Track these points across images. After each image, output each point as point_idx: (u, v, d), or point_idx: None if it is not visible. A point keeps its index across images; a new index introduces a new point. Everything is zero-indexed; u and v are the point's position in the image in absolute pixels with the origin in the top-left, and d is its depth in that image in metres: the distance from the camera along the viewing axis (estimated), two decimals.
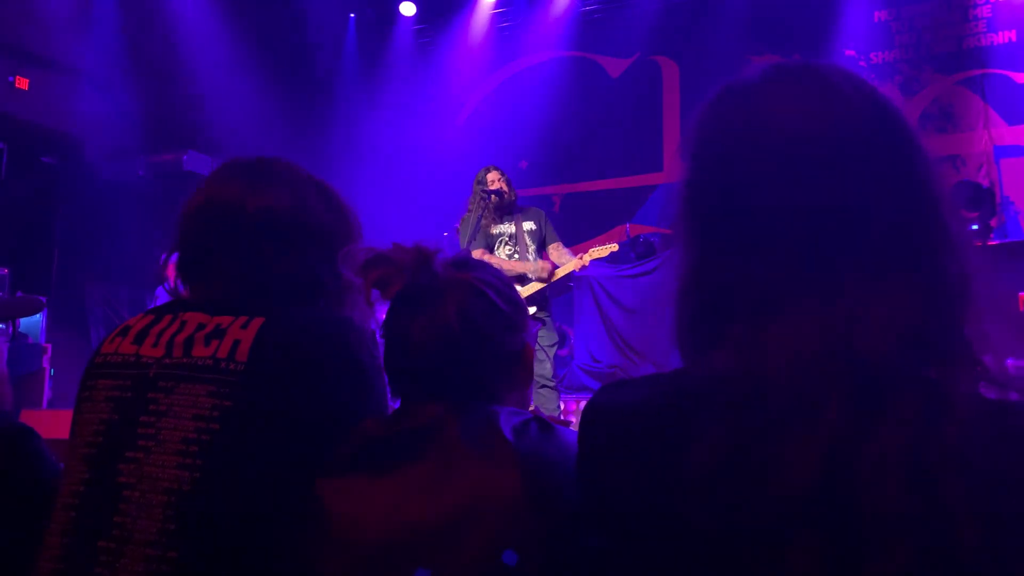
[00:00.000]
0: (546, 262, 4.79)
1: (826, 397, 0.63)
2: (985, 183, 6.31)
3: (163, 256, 1.26)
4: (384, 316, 1.07)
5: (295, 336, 1.08)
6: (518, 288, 4.61)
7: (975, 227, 5.27)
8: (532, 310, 4.64)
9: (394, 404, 1.08)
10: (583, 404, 5.71)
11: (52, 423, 4.36)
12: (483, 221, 4.76)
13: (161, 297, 6.48)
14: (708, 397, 0.68)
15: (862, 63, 7.36)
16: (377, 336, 1.12)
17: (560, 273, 4.75)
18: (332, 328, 1.11)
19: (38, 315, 6.65)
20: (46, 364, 6.25)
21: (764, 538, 0.63)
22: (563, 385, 6.36)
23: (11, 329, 5.72)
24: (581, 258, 4.70)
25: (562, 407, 5.37)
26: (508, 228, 4.84)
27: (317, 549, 0.92)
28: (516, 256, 4.79)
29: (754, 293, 0.69)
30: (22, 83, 7.15)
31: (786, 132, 0.71)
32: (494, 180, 4.79)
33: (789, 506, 0.62)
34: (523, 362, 1.08)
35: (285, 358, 1.06)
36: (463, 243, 4.72)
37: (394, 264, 1.05)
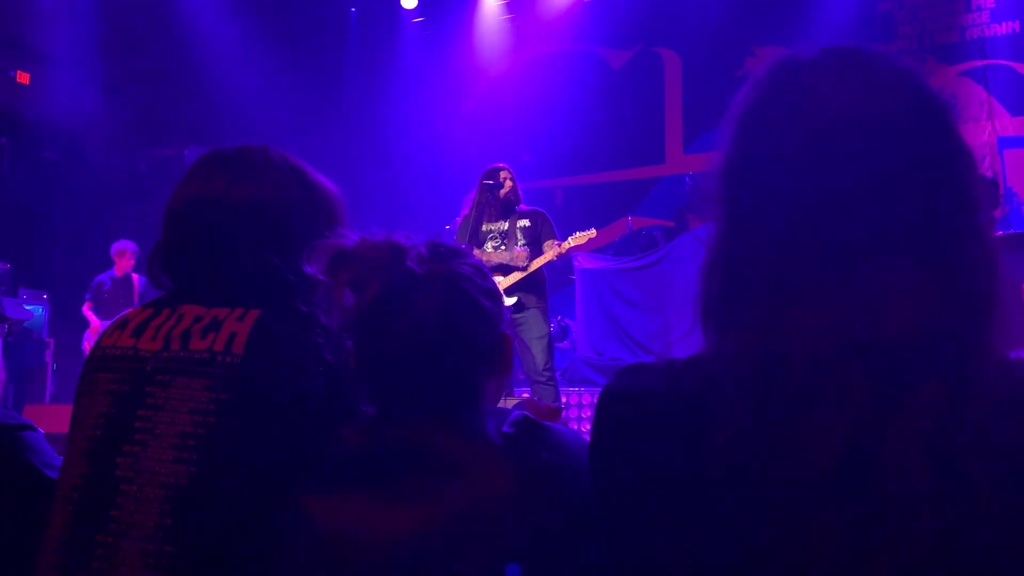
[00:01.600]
0: (522, 251, 4.69)
1: (847, 380, 0.64)
2: (988, 174, 6.29)
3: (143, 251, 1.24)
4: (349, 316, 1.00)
5: (291, 328, 1.07)
6: (500, 279, 4.57)
7: None
8: (511, 300, 4.59)
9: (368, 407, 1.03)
10: (586, 397, 5.71)
11: (55, 417, 4.37)
12: (483, 219, 4.72)
13: (105, 286, 6.51)
14: (729, 380, 0.68)
15: None
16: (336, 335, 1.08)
17: (539, 262, 4.65)
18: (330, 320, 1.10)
19: (41, 310, 6.67)
20: (48, 359, 6.27)
21: (786, 520, 0.63)
22: (565, 378, 6.36)
23: (6, 326, 5.74)
24: (560, 245, 4.61)
25: (563, 400, 5.36)
26: (501, 226, 4.79)
27: (311, 568, 0.90)
28: (503, 248, 4.74)
29: (777, 270, 0.70)
30: (23, 78, 7.15)
31: (826, 116, 0.71)
32: (505, 178, 4.76)
33: (811, 488, 0.62)
34: (502, 353, 1.04)
35: (282, 350, 1.05)
36: (458, 240, 4.66)
37: (366, 263, 0.98)
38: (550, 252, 4.62)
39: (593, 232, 4.77)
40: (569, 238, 4.67)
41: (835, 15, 7.44)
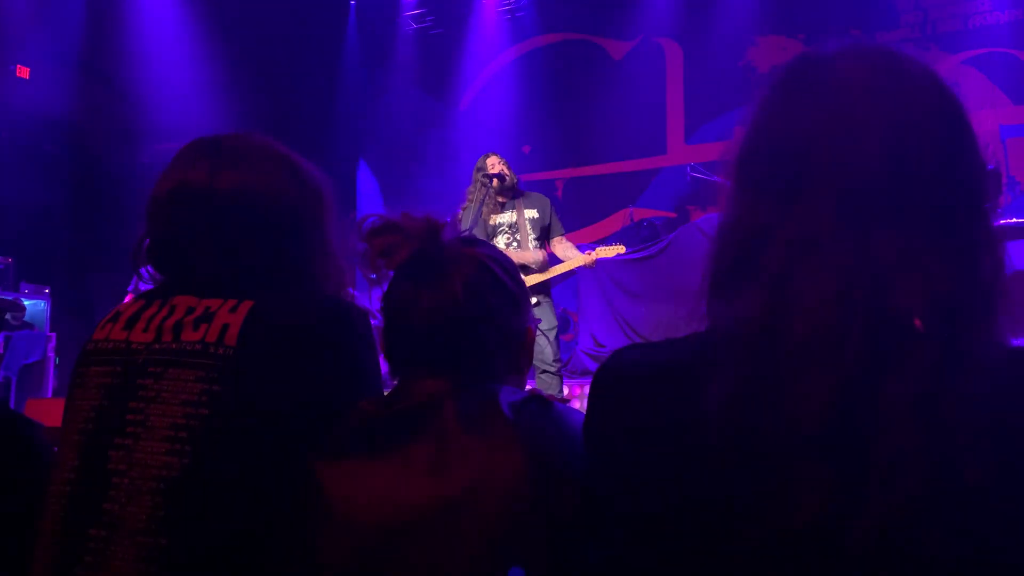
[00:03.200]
0: (542, 252, 4.63)
1: (845, 340, 0.65)
2: (991, 164, 6.27)
3: (137, 243, 1.22)
4: (383, 293, 1.05)
5: (285, 319, 1.07)
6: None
7: None
8: (532, 300, 4.56)
9: (391, 383, 1.06)
10: (587, 389, 5.72)
11: (56, 411, 4.38)
12: (484, 208, 4.63)
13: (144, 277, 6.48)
14: (726, 341, 0.70)
15: None
16: (372, 316, 1.11)
17: (563, 268, 4.60)
18: (323, 310, 1.10)
19: (43, 304, 6.68)
20: (51, 353, 6.27)
21: (774, 474, 0.65)
22: (567, 370, 6.36)
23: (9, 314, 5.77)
24: (589, 255, 4.54)
25: (566, 392, 5.35)
26: (509, 217, 4.68)
27: (315, 532, 0.91)
28: (515, 245, 4.62)
29: (787, 241, 0.71)
30: (23, 72, 7.14)
31: (846, 102, 0.74)
32: (494, 164, 4.64)
33: (801, 442, 0.64)
34: (525, 344, 1.07)
35: (275, 341, 1.05)
36: None
37: (403, 232, 1.03)
38: (579, 259, 4.57)
39: (622, 248, 4.74)
40: (599, 249, 4.61)
41: (838, 4, 7.41)
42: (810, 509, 0.63)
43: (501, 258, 1.05)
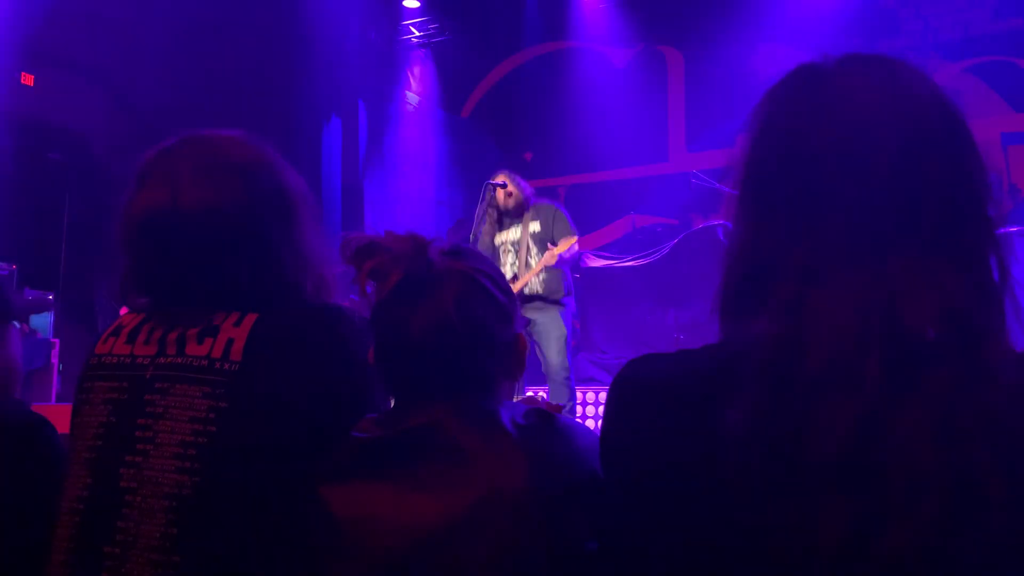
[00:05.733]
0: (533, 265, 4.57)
1: (863, 363, 0.65)
2: (993, 173, 6.27)
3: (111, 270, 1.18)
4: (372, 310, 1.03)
5: (290, 332, 1.07)
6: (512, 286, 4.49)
7: None
8: (535, 315, 4.50)
9: (387, 400, 1.06)
10: (590, 395, 5.71)
11: (61, 417, 4.38)
12: (487, 221, 4.63)
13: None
14: (745, 360, 0.69)
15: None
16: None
17: (529, 276, 4.48)
18: (327, 322, 1.10)
19: (47, 311, 6.70)
20: (55, 359, 6.29)
21: (795, 500, 0.64)
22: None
23: (27, 327, 5.79)
24: (551, 251, 4.40)
25: (579, 398, 5.35)
26: (514, 234, 4.64)
27: (325, 555, 0.91)
28: (516, 264, 4.59)
29: (800, 263, 0.71)
30: (28, 79, 7.17)
31: (853, 117, 0.73)
32: (501, 184, 4.60)
33: (821, 468, 0.64)
34: (516, 352, 1.07)
35: (280, 356, 1.05)
36: None
37: (390, 253, 1.02)
38: (543, 259, 4.43)
39: (574, 239, 4.50)
40: (553, 248, 4.42)
41: (838, 12, 7.42)
42: (833, 533, 0.63)
43: (488, 268, 1.05)
